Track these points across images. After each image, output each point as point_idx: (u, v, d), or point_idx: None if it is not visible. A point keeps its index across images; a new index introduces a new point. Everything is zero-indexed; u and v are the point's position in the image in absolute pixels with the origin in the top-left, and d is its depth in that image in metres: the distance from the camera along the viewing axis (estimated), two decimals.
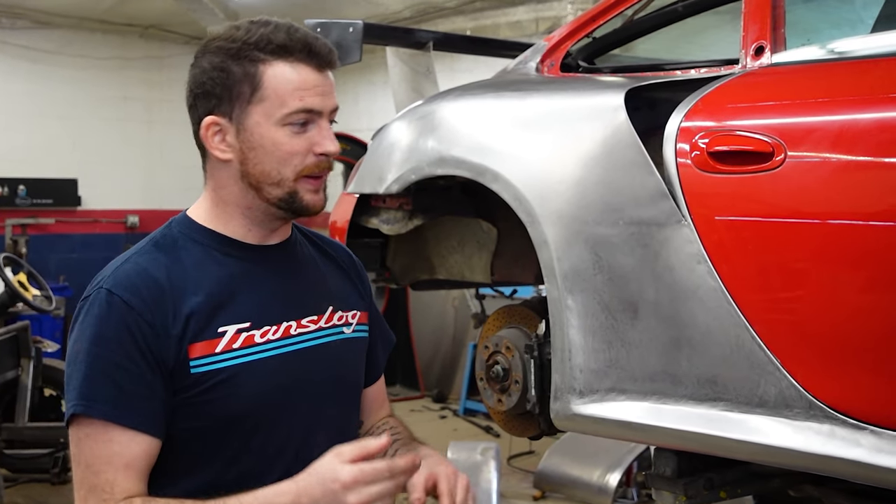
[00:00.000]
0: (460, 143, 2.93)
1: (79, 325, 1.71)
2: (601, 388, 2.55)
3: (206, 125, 1.77)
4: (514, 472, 7.16)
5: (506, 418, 3.10)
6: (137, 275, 1.72)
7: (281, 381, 1.78)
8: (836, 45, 2.50)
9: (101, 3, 10.51)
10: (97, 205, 11.48)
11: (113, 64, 11.52)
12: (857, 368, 2.19)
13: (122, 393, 1.66)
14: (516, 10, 9.35)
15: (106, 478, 1.64)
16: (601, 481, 6.38)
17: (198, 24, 11.12)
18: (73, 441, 1.67)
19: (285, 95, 1.73)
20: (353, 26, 3.53)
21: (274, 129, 1.74)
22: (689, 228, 2.37)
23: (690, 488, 2.64)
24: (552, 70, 3.11)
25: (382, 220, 3.40)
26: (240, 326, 1.75)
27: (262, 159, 1.76)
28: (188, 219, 1.85)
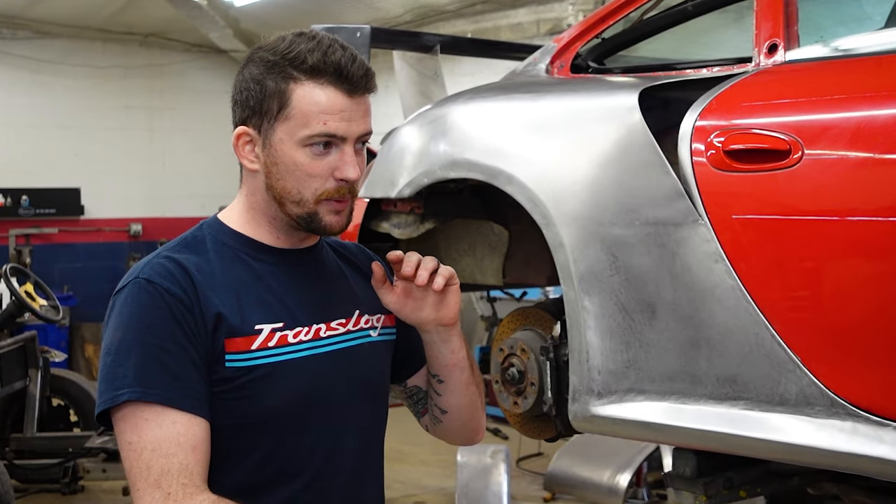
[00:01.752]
0: (473, 145, 2.92)
1: (117, 316, 1.71)
2: (619, 388, 2.54)
3: (238, 135, 1.79)
4: (524, 475, 7.15)
5: (522, 421, 3.10)
6: (173, 266, 1.73)
7: (312, 382, 1.80)
8: (849, 42, 2.49)
9: (100, 12, 10.54)
10: (100, 214, 11.49)
11: (114, 73, 11.55)
12: (879, 365, 2.18)
13: (177, 377, 1.66)
14: (517, 12, 9.36)
15: (179, 460, 1.63)
16: (611, 482, 6.38)
17: (198, 32, 11.14)
18: (129, 428, 1.65)
19: (309, 117, 1.72)
20: (361, 31, 3.52)
21: (295, 149, 1.74)
22: (705, 227, 2.37)
23: (710, 488, 2.63)
24: (562, 71, 3.11)
25: (393, 225, 3.39)
26: (274, 326, 1.77)
27: (284, 176, 1.77)
28: (218, 222, 1.87)
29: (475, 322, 9.33)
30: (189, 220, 11.85)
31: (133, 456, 1.64)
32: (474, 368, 2.03)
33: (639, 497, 6.48)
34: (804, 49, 2.48)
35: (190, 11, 10.34)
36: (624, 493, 6.30)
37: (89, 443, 6.04)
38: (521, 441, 7.54)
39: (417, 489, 6.62)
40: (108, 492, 6.32)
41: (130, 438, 1.65)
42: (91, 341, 11.21)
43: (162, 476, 1.62)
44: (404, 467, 7.20)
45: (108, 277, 11.56)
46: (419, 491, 6.62)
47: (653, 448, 6.33)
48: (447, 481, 6.50)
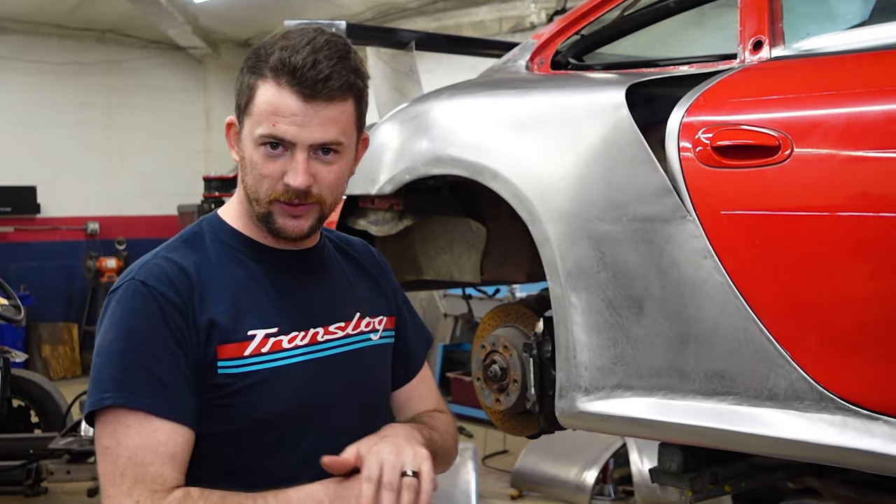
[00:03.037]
0: (457, 142, 2.91)
1: (109, 317, 1.69)
2: (607, 384, 2.54)
3: (227, 124, 1.80)
4: (490, 472, 7.16)
5: (504, 418, 3.09)
6: (170, 267, 1.72)
7: (308, 389, 1.77)
8: (833, 39, 2.51)
9: (56, 8, 10.39)
10: (57, 212, 11.35)
11: (70, 69, 11.40)
12: (869, 359, 2.19)
13: (163, 384, 1.64)
14: (479, 9, 9.36)
15: (155, 469, 1.61)
16: (578, 479, 6.41)
17: (156, 28, 11.03)
18: (108, 433, 1.63)
19: (262, 116, 1.69)
20: (336, 27, 3.50)
21: (253, 147, 1.72)
22: (694, 223, 2.37)
23: (696, 483, 2.64)
24: (542, 68, 3.11)
25: (371, 222, 3.37)
26: (268, 331, 1.74)
27: (247, 172, 1.76)
28: (218, 218, 1.85)
29: (438, 320, 9.33)
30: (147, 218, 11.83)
31: (108, 461, 1.62)
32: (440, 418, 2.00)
33: (605, 493, 6.52)
34: (789, 46, 2.50)
35: (148, 8, 10.23)
36: (591, 489, 6.33)
37: (52, 444, 5.96)
38: (486, 439, 7.54)
39: None
40: (72, 493, 6.24)
41: (108, 443, 1.63)
42: (48, 341, 11.07)
43: (135, 484, 1.60)
44: None
45: (65, 276, 11.44)
46: None
47: (619, 444, 6.37)
48: None
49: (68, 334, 11.26)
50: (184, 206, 10.89)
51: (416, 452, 1.65)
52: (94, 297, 11.22)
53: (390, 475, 1.60)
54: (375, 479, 1.60)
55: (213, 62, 12.28)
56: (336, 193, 1.79)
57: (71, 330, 11.30)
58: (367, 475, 1.61)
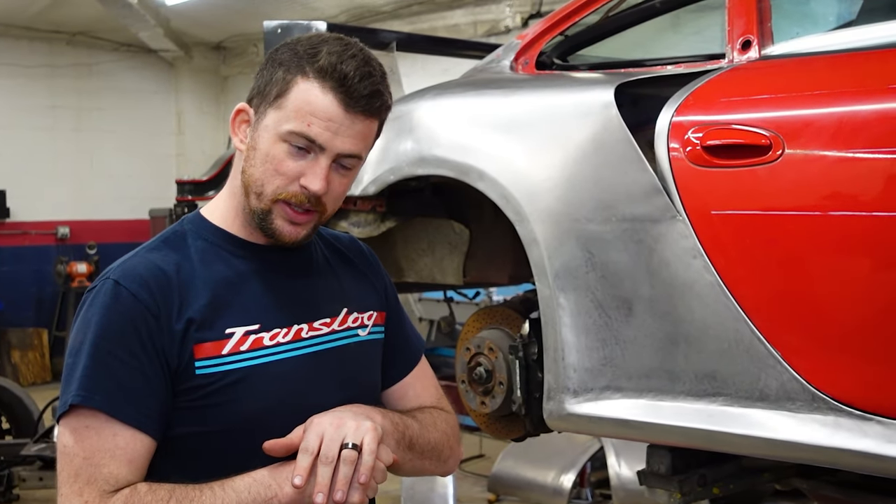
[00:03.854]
0: (442, 142, 2.89)
1: (83, 316, 1.65)
2: (596, 386, 2.53)
3: (237, 110, 1.75)
4: (466, 477, 7.13)
5: (489, 421, 3.07)
6: (145, 267, 1.68)
7: (290, 386, 1.73)
8: (823, 39, 2.51)
9: (27, 10, 10.28)
10: (27, 216, 11.21)
11: (41, 72, 11.28)
12: (861, 359, 2.19)
13: (128, 389, 1.61)
14: (454, 13, 9.34)
15: (109, 471, 1.58)
16: (556, 483, 6.39)
17: (128, 31, 10.94)
18: (68, 431, 1.60)
19: (297, 113, 1.66)
20: (316, 28, 3.46)
21: (274, 140, 1.68)
22: (683, 223, 2.36)
23: (685, 485, 2.63)
24: (527, 68, 3.09)
25: (353, 224, 3.34)
26: (248, 328, 1.70)
27: (256, 164, 1.70)
28: (200, 216, 1.81)
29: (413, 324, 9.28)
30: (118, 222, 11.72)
31: (65, 460, 1.60)
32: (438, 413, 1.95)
33: (583, 497, 6.51)
34: (778, 45, 2.49)
35: (119, 10, 10.14)
36: (568, 493, 6.31)
37: (24, 450, 5.88)
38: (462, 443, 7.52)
39: None
40: (45, 501, 6.16)
41: (66, 442, 1.60)
42: (18, 347, 10.94)
43: (86, 485, 1.57)
44: None
45: (35, 281, 11.31)
46: None
47: (597, 448, 6.36)
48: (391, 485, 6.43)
49: (38, 340, 11.13)
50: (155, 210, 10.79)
51: (360, 425, 1.62)
52: (64, 303, 11.10)
53: (328, 447, 1.58)
54: (312, 449, 1.58)
55: (185, 65, 12.19)
56: (337, 206, 1.77)
57: (41, 335, 11.17)
58: (303, 446, 1.59)
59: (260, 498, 1.59)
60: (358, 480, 1.57)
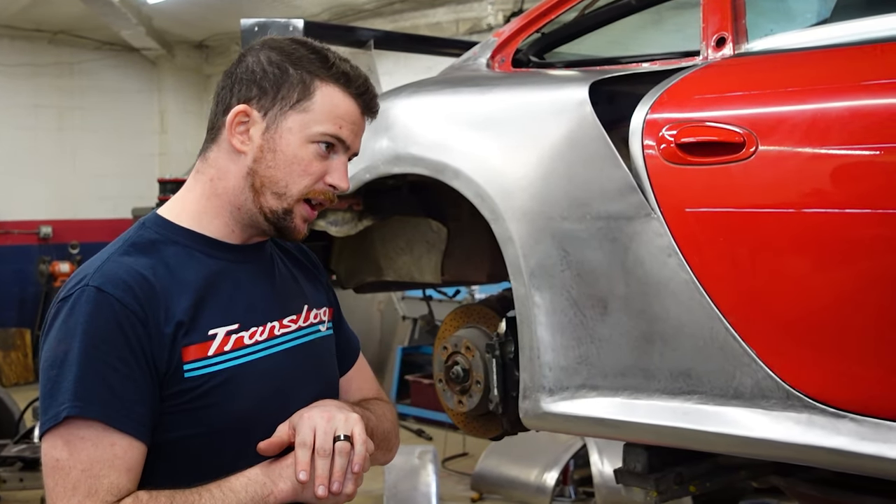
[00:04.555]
0: (418, 140, 2.88)
1: (62, 325, 1.62)
2: (572, 385, 2.52)
3: (237, 112, 1.75)
4: (450, 475, 7.13)
5: (466, 420, 3.06)
6: (126, 272, 1.66)
7: (273, 383, 1.76)
8: (796, 36, 2.50)
9: (7, 9, 10.24)
10: (8, 216, 11.16)
11: (22, 71, 11.23)
12: (835, 356, 2.19)
13: (121, 397, 1.60)
14: (436, 11, 9.34)
15: (110, 481, 1.57)
16: (539, 481, 6.40)
17: (109, 29, 10.89)
18: (60, 444, 1.58)
19: (328, 116, 1.74)
20: (293, 25, 3.45)
21: (301, 143, 1.74)
22: (658, 221, 2.35)
23: (661, 483, 2.62)
24: (503, 66, 3.08)
25: (330, 222, 3.33)
26: (229, 328, 1.72)
27: (278, 165, 1.75)
28: (163, 219, 1.80)
29: (396, 322, 9.29)
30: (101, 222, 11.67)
31: (60, 474, 1.57)
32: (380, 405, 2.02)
33: (566, 495, 6.51)
34: (752, 43, 2.49)
35: (101, 8, 10.09)
36: (551, 491, 6.32)
37: (5, 451, 5.84)
38: (446, 441, 7.51)
39: None
40: (25, 502, 6.13)
41: (60, 455, 1.58)
42: (0, 347, 10.89)
43: (87, 497, 1.56)
44: None
45: (17, 281, 11.26)
46: None
47: (579, 446, 6.37)
48: (373, 484, 6.43)
49: (21, 340, 11.08)
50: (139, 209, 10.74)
51: (348, 417, 1.68)
52: (47, 302, 11.03)
53: (323, 440, 1.64)
54: (309, 444, 1.64)
55: (168, 64, 12.15)
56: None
57: (24, 335, 11.11)
58: (300, 441, 1.64)
59: (257, 496, 1.62)
60: (352, 470, 1.65)
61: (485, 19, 8.95)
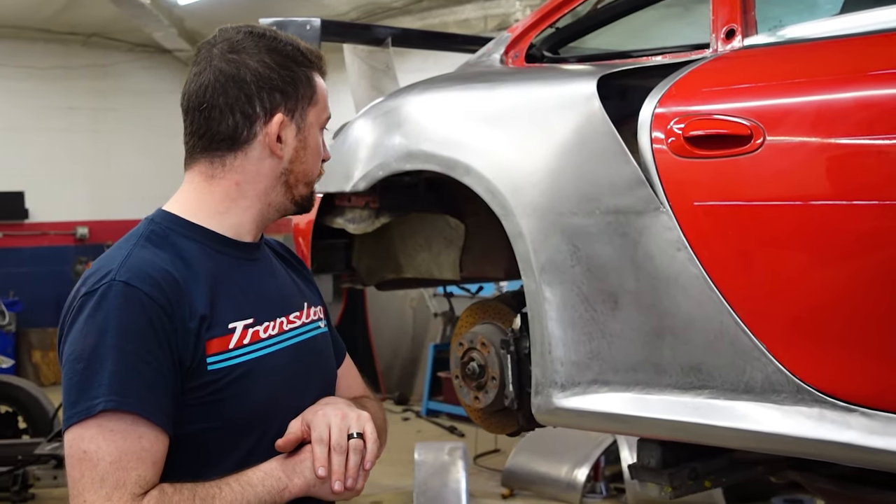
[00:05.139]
0: (429, 137, 2.88)
1: (88, 320, 1.63)
2: (583, 380, 2.51)
3: (279, 123, 1.80)
4: (482, 472, 7.13)
5: (483, 416, 3.05)
6: (151, 267, 1.68)
7: (286, 376, 1.80)
8: (807, 28, 2.47)
9: (41, 12, 10.35)
10: (45, 217, 11.30)
11: (57, 73, 11.36)
12: (845, 350, 2.16)
13: (150, 389, 1.62)
14: (464, 8, 9.33)
15: (138, 473, 1.59)
16: (569, 477, 6.38)
17: (142, 31, 10.98)
18: (88, 437, 1.58)
19: (325, 102, 1.89)
20: (311, 24, 3.46)
21: (317, 132, 1.88)
22: (667, 215, 2.34)
23: (675, 479, 2.60)
24: (517, 61, 3.07)
25: (348, 220, 3.34)
26: (245, 322, 1.76)
27: (309, 159, 1.87)
28: (172, 215, 1.82)
29: (428, 320, 9.30)
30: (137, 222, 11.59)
31: (87, 466, 1.58)
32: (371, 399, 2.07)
33: (597, 491, 6.49)
34: (762, 35, 2.47)
35: (133, 11, 10.18)
36: (582, 487, 6.31)
37: (39, 450, 5.93)
38: (477, 438, 7.51)
39: (374, 489, 6.56)
40: (59, 499, 6.20)
41: (88, 447, 1.58)
42: (38, 347, 11.02)
43: (115, 490, 1.57)
44: None
45: (55, 282, 11.38)
46: (376, 490, 6.56)
47: (610, 442, 6.34)
48: (403, 480, 6.45)
49: None
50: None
51: (360, 415, 1.74)
52: None
53: (338, 437, 1.69)
54: (326, 440, 1.68)
55: None
56: None
57: None
58: (317, 437, 1.69)
59: (274, 490, 1.66)
60: (364, 467, 1.70)
61: (513, 15, 8.93)
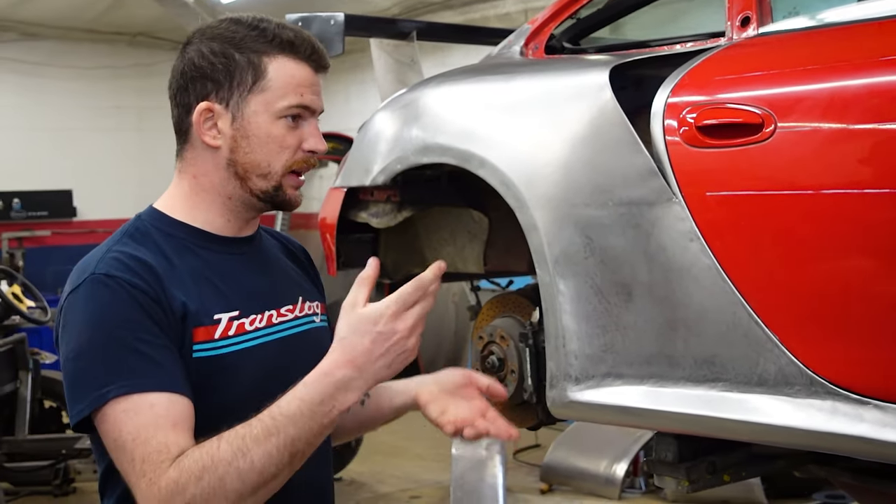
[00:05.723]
0: (445, 129, 2.87)
1: (79, 315, 1.65)
2: (597, 373, 2.49)
3: (201, 110, 1.77)
4: (521, 467, 7.11)
5: (503, 409, 3.03)
6: (128, 259, 1.68)
7: (271, 369, 1.78)
8: (822, 15, 2.43)
9: (87, 13, 10.47)
10: (92, 215, 11.43)
11: (103, 73, 11.48)
12: (858, 342, 2.13)
13: (152, 361, 1.62)
14: (505, 2, 9.28)
15: (158, 441, 1.58)
16: (608, 472, 6.35)
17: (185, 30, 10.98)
18: (110, 425, 1.59)
19: (287, 89, 1.76)
20: (335, 19, 3.46)
21: (271, 121, 1.77)
22: (680, 206, 2.31)
23: (693, 472, 2.58)
24: (536, 53, 3.05)
25: (371, 214, 3.34)
26: (231, 314, 1.75)
27: (255, 149, 1.77)
28: (158, 212, 1.83)
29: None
30: None
31: (121, 454, 1.59)
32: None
33: (636, 486, 6.45)
34: (777, 22, 2.43)
35: (177, 10, 10.26)
36: (621, 482, 6.27)
37: (80, 444, 5.99)
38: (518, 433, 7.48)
39: (413, 483, 6.57)
40: None
41: (115, 436, 1.59)
42: None
43: (144, 463, 1.57)
44: (400, 462, 7.15)
45: None
46: (415, 485, 6.57)
47: (649, 437, 6.28)
48: (443, 475, 6.45)
49: None
50: None
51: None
52: None
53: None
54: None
55: None
56: None
57: None
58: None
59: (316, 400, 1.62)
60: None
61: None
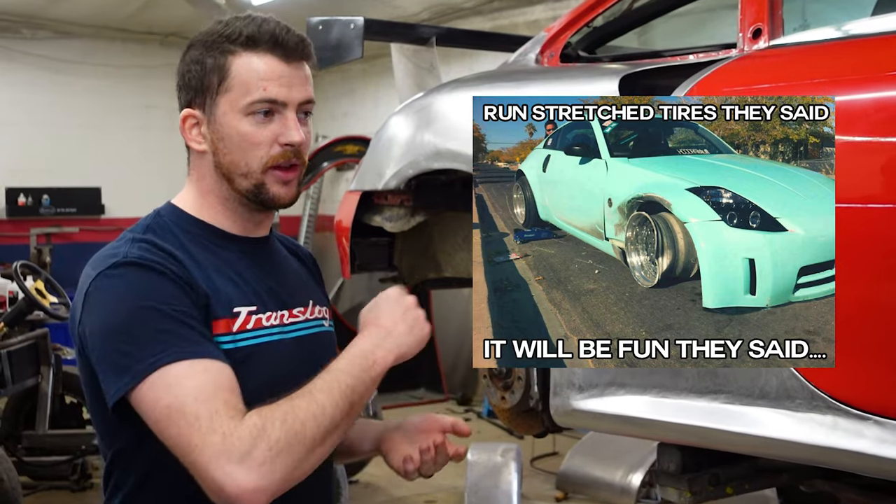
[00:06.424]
0: (457, 135, 2.88)
1: (111, 295, 1.66)
2: (601, 382, 2.49)
3: (183, 117, 1.84)
4: (537, 474, 7.10)
5: (510, 416, 3.04)
6: (153, 247, 1.73)
7: (280, 368, 1.80)
8: (834, 28, 2.42)
9: (119, 12, 10.56)
10: (121, 213, 11.50)
11: (134, 72, 11.57)
12: (860, 358, 2.11)
13: (200, 333, 1.66)
14: (534, 9, 9.29)
15: (223, 398, 1.59)
16: (624, 481, 6.32)
17: None
18: (162, 394, 1.59)
19: (249, 84, 1.76)
20: (354, 23, 3.49)
21: (238, 119, 1.77)
22: None
23: (695, 484, 2.57)
24: (552, 61, 3.06)
25: (385, 218, 3.36)
26: (249, 308, 1.78)
27: (231, 149, 1.79)
28: (176, 208, 1.88)
29: None
30: None
31: (177, 415, 1.57)
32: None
33: (651, 497, 6.41)
34: (788, 35, 2.42)
35: (209, 11, 10.31)
36: (636, 492, 6.24)
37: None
38: (535, 440, 7.48)
39: (429, 488, 6.58)
40: None
41: (168, 401, 1.59)
42: None
43: (213, 419, 1.57)
44: None
45: None
46: (431, 490, 6.58)
47: None
48: (458, 480, 6.44)
49: None
50: None
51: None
52: None
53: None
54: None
55: None
56: (307, 157, 1.87)
57: None
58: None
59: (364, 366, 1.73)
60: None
61: None
